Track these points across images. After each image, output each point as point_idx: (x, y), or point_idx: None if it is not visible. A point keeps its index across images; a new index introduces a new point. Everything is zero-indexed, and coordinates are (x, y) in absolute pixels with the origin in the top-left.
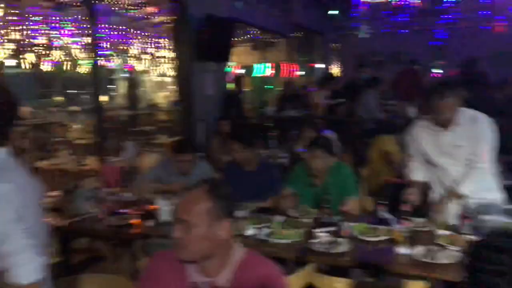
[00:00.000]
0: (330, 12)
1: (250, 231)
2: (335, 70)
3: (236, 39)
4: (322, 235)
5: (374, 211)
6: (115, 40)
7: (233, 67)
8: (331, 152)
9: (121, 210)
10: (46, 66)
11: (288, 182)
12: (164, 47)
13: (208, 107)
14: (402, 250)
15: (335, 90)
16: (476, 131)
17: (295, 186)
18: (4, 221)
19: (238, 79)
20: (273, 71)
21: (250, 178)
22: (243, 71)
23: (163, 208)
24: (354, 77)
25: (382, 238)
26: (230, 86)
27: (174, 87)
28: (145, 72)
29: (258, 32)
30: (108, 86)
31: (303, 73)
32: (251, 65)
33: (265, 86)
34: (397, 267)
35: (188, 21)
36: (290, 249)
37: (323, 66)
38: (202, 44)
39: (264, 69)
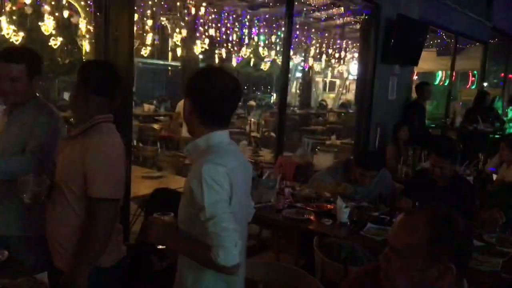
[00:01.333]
0: None
1: None
2: None
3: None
4: None
5: None
6: (297, 39)
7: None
8: None
9: (298, 204)
10: (233, 62)
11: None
12: (344, 49)
13: (387, 112)
14: None
15: None
16: None
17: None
18: (215, 202)
19: (421, 86)
20: (456, 81)
21: (441, 194)
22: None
23: (342, 209)
24: None
25: None
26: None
27: (347, 89)
28: (319, 73)
29: (449, 36)
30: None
31: (486, 84)
32: (432, 72)
33: (449, 96)
34: None
35: (379, 21)
36: (487, 279)
37: None
38: (390, 46)
39: (448, 77)
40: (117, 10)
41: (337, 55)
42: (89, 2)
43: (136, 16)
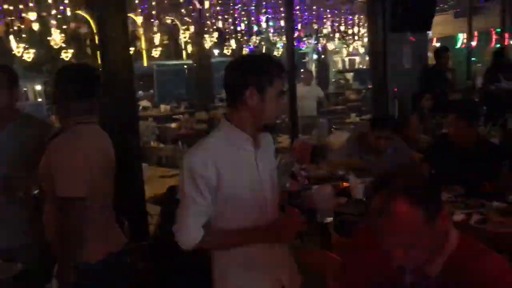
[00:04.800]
0: None
1: (457, 217)
2: None
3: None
4: None
5: None
6: (308, 22)
7: (431, 39)
8: None
9: (314, 186)
10: (246, 52)
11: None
12: (357, 24)
13: (405, 83)
14: None
15: None
16: None
17: None
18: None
19: (439, 52)
20: (478, 42)
21: (466, 158)
22: (438, 44)
23: (357, 186)
24: None
25: None
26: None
27: (366, 64)
28: (335, 52)
29: None
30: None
31: None
32: (453, 36)
33: (472, 59)
34: None
35: None
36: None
37: None
38: (398, 12)
39: (469, 40)
40: (110, 12)
41: (350, 31)
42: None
43: (141, 18)
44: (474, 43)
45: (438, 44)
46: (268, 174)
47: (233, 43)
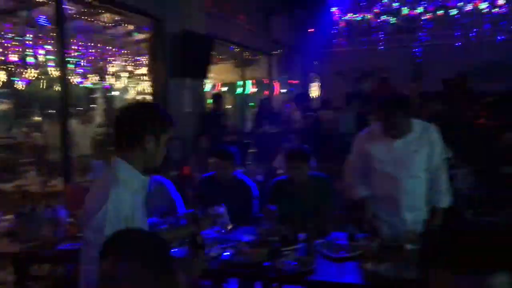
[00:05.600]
0: (309, 29)
1: (214, 252)
2: (315, 86)
3: (218, 56)
4: (288, 253)
5: (345, 227)
6: (93, 58)
7: (216, 85)
8: (309, 162)
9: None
10: (20, 84)
11: (267, 199)
12: (143, 65)
13: (186, 125)
14: (370, 266)
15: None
16: (429, 138)
17: (275, 201)
18: None
19: (216, 97)
20: (256, 89)
21: (226, 194)
22: (225, 88)
23: None
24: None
25: (350, 255)
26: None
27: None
28: (123, 90)
29: (239, 49)
30: (91, 105)
31: (285, 90)
32: (234, 82)
33: (249, 104)
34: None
35: (164, 37)
36: (255, 269)
37: (301, 82)
38: (177, 61)
39: (247, 87)
40: None
41: (136, 72)
42: None
43: None
44: (251, 90)
45: (223, 89)
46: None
47: (2, 75)
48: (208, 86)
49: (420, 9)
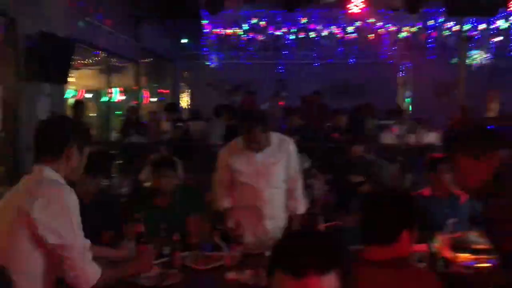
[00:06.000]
0: (181, 40)
1: None
2: (185, 97)
3: (81, 61)
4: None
5: (210, 237)
6: None
7: (80, 92)
8: (176, 172)
9: None
10: None
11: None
12: None
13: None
14: (232, 275)
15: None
16: (286, 150)
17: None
18: None
19: (74, 105)
20: (124, 97)
21: (86, 213)
22: (90, 95)
23: None
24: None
25: (213, 265)
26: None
27: None
28: None
29: (105, 55)
30: None
31: (156, 99)
32: (100, 90)
33: (116, 112)
34: None
35: (17, 38)
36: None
37: (172, 92)
38: (32, 64)
39: (114, 94)
40: None
41: None
42: None
43: None
44: (118, 98)
45: (88, 96)
46: None
47: None
48: (70, 92)
49: (284, 30)
